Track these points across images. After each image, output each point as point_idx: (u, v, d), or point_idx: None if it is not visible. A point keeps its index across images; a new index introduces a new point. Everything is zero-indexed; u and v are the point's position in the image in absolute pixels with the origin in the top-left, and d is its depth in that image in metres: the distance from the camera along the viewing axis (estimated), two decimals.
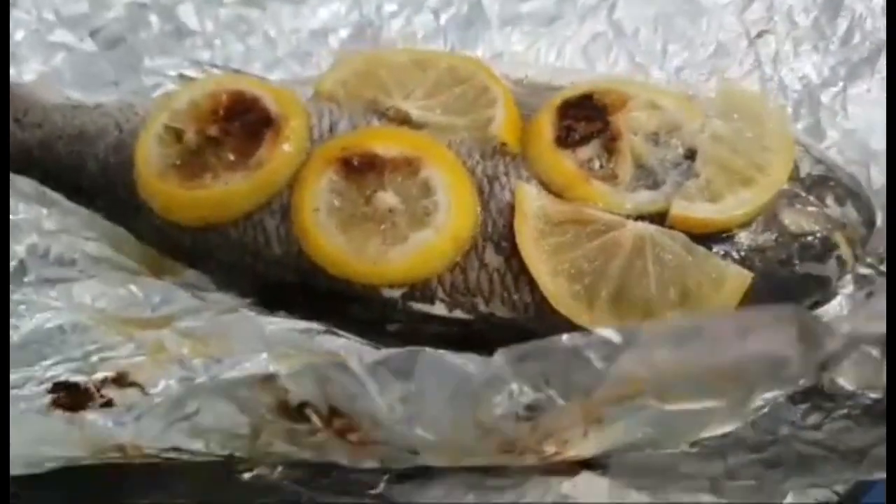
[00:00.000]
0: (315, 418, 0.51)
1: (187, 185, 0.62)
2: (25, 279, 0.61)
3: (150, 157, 0.64)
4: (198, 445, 0.53)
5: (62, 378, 0.56)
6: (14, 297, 0.59)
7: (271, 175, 0.62)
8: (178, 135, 0.64)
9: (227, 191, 0.62)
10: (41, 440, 0.52)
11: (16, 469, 0.51)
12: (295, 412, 0.51)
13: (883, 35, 0.75)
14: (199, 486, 0.55)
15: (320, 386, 0.50)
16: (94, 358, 0.57)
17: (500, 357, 0.46)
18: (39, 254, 0.62)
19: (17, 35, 0.82)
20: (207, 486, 0.55)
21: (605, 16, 0.83)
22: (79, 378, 0.56)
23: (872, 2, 0.77)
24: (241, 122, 0.64)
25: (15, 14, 0.82)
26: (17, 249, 0.62)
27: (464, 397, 0.47)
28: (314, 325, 0.61)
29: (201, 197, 0.62)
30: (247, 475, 0.55)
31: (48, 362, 0.57)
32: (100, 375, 0.56)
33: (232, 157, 0.63)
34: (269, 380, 0.51)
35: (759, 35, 0.80)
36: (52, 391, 0.55)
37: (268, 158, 0.62)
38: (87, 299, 0.60)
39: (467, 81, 0.67)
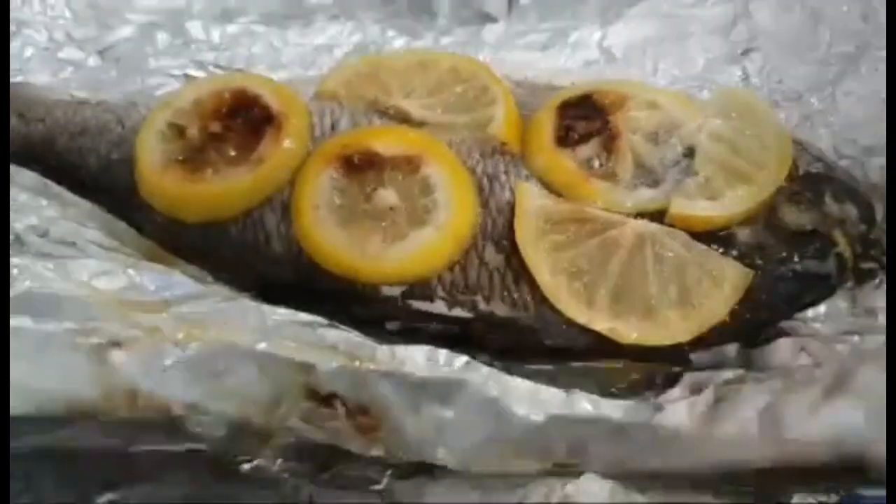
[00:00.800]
0: (341, 410, 0.49)
1: (188, 181, 0.60)
2: (23, 249, 0.57)
3: (152, 152, 0.61)
4: (215, 407, 0.50)
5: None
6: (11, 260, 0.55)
7: (272, 172, 0.60)
8: (180, 131, 0.61)
9: (228, 187, 0.60)
10: (57, 372, 0.50)
11: (14, 402, 0.48)
12: (322, 399, 0.49)
13: (864, 38, 0.74)
14: (198, 479, 0.51)
15: (355, 388, 0.48)
16: (90, 325, 0.53)
17: (544, 416, 0.45)
18: (39, 233, 0.59)
19: (26, 52, 0.79)
20: (207, 478, 0.51)
21: (595, 44, 0.81)
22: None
23: (853, 11, 0.76)
24: (243, 118, 0.61)
25: (26, 33, 0.80)
26: (17, 227, 0.58)
27: (499, 441, 0.46)
28: (317, 319, 0.57)
29: (202, 192, 0.60)
30: (246, 466, 0.51)
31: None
32: (94, 340, 0.52)
33: (233, 154, 0.60)
34: (306, 367, 0.49)
35: (745, 53, 0.78)
36: None
37: (269, 155, 0.60)
38: (84, 276, 0.56)
39: (468, 81, 0.65)
